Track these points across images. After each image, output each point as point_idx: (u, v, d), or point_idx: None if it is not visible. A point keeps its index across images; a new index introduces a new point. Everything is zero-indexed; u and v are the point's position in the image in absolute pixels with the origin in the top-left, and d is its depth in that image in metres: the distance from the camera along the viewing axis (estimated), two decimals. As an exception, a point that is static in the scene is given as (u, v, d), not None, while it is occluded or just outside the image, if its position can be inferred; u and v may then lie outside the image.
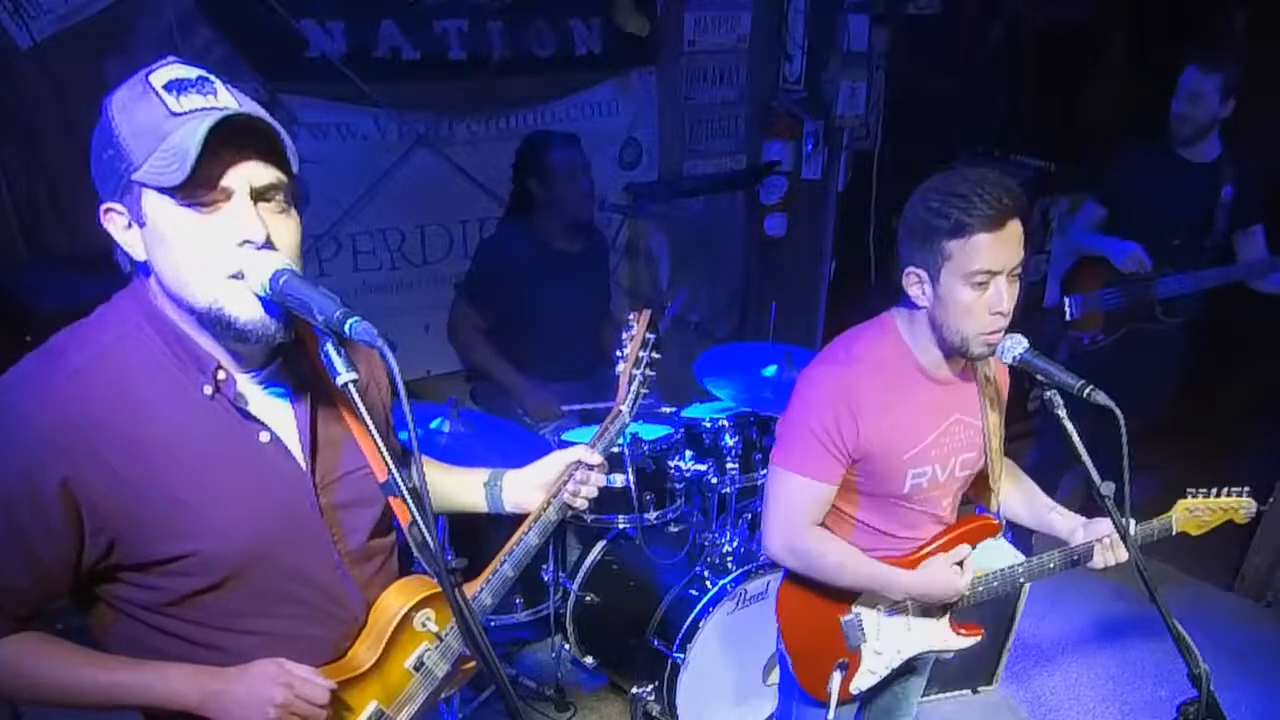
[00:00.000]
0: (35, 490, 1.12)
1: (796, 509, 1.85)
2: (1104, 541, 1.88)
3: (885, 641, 1.98)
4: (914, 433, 1.82)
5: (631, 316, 1.68)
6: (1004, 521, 2.01)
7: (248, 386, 1.25)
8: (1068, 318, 3.46)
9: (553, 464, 1.60)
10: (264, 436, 1.25)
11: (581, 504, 1.58)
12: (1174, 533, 2.01)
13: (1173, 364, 3.52)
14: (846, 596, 1.93)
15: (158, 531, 1.17)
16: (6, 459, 1.12)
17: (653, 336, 1.67)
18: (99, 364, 1.16)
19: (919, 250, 1.70)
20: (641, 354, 1.66)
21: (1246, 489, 2.04)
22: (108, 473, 1.14)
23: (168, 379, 1.19)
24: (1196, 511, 2.01)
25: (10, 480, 1.13)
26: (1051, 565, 1.94)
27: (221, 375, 1.21)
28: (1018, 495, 2.05)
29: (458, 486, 1.66)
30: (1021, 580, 1.98)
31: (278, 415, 1.28)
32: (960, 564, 1.90)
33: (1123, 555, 1.88)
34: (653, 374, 1.68)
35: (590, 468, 1.56)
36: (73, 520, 1.15)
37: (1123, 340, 3.40)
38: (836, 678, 1.94)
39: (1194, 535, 2.03)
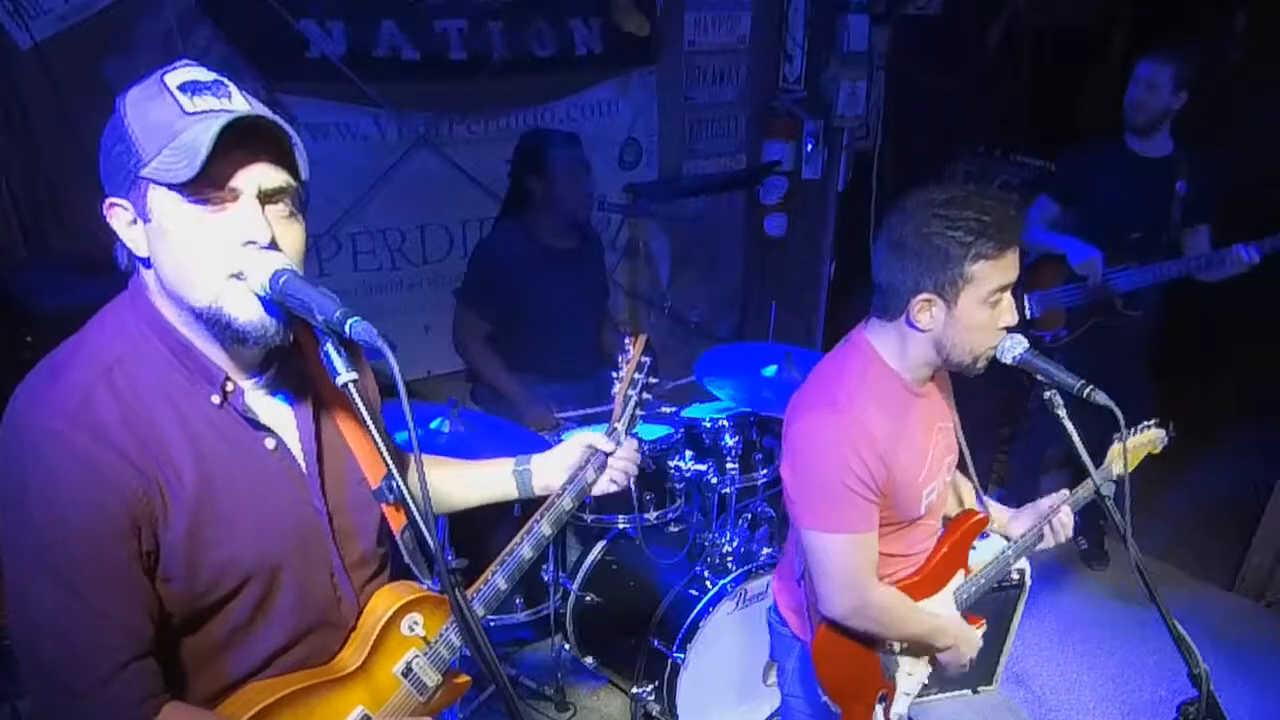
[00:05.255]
0: (112, 515, 1.09)
1: (858, 568, 1.76)
2: (1052, 524, 1.97)
3: (915, 662, 1.98)
4: (921, 453, 1.80)
5: (627, 341, 1.68)
6: (988, 512, 2.02)
7: (250, 393, 1.24)
8: (1028, 316, 3.42)
9: (574, 447, 1.62)
10: (270, 443, 1.24)
11: (609, 486, 1.61)
12: (1113, 478, 2.01)
13: (1141, 357, 3.48)
14: None
15: (184, 544, 1.15)
16: (75, 493, 1.08)
17: (648, 360, 1.68)
18: (115, 377, 1.13)
19: (931, 275, 1.63)
20: (637, 376, 1.66)
21: (1155, 420, 2.11)
22: (153, 487, 1.12)
23: (174, 388, 1.17)
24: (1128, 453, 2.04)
25: (86, 513, 1.08)
26: (1031, 543, 1.98)
27: (230, 386, 1.20)
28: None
29: (484, 478, 1.66)
30: (1011, 561, 2.01)
31: (280, 421, 1.27)
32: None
33: (1064, 536, 1.98)
34: (649, 397, 1.68)
35: (607, 455, 1.59)
36: (146, 537, 1.13)
37: (1087, 336, 3.37)
38: (879, 711, 1.93)
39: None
